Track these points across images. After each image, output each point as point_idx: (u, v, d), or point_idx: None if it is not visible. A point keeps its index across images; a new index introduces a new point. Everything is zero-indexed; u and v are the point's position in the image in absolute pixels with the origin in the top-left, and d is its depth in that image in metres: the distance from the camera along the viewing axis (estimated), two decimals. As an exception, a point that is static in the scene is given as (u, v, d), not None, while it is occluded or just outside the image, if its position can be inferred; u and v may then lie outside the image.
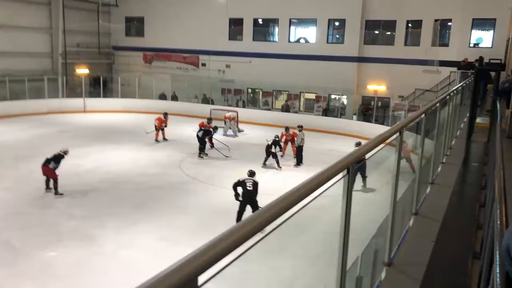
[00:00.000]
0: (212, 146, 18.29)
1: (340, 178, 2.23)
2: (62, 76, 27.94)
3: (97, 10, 30.84)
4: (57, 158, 12.57)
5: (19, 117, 23.39)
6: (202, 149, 17.46)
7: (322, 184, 1.87)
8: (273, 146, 16.23)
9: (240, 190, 10.48)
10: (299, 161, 16.68)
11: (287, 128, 17.62)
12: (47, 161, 12.49)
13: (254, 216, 1.32)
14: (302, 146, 16.70)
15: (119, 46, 32.82)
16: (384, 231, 3.64)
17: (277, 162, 16.13)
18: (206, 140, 17.73)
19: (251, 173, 11.03)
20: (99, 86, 28.47)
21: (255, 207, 10.25)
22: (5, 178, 13.77)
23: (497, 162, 2.19)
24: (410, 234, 4.07)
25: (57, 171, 12.48)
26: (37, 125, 21.92)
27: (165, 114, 20.26)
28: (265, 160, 16.21)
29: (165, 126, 19.98)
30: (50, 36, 28.79)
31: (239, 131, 22.62)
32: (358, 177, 12.53)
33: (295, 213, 1.78)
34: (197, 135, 17.51)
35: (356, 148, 9.82)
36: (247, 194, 10.39)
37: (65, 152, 12.92)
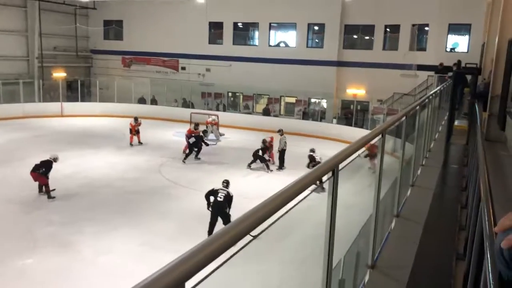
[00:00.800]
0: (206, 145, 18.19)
1: (326, 180, 2.22)
2: (38, 79, 27.40)
3: (74, 13, 30.40)
4: (47, 164, 12.58)
5: (-7, 121, 22.82)
6: (197, 153, 17.38)
7: (309, 186, 1.85)
8: (260, 151, 16.29)
9: (212, 199, 10.13)
10: (281, 164, 16.72)
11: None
12: (36, 167, 12.45)
13: (241, 219, 1.29)
14: (284, 150, 16.76)
15: (98, 49, 32.39)
16: (366, 233, 3.64)
17: (267, 166, 16.30)
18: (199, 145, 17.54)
19: (226, 184, 10.64)
20: (76, 90, 28.02)
21: (226, 220, 9.83)
22: (-21, 183, 13.39)
23: (481, 164, 2.20)
24: (393, 236, 4.08)
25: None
26: (12, 130, 21.41)
27: (135, 119, 19.94)
28: (251, 162, 16.22)
29: (138, 130, 19.75)
30: (26, 39, 28.23)
31: (220, 135, 22.53)
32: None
33: (283, 215, 1.75)
34: (189, 142, 17.33)
35: (311, 154, 9.76)
36: (216, 205, 9.99)
37: (55, 159, 12.89)
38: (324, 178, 2.18)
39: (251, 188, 13.70)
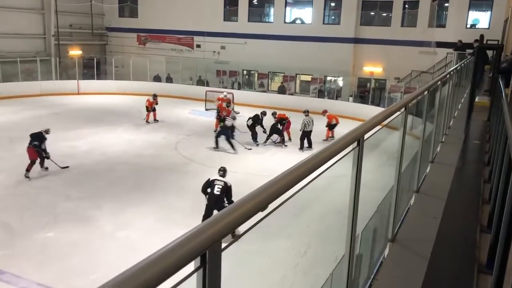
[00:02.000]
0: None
1: (350, 151, 2.19)
2: (55, 57, 27.56)
3: (89, -10, 30.29)
4: (39, 137, 12.39)
5: (11, 99, 23.11)
6: (255, 137, 16.81)
7: (333, 156, 1.83)
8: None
9: (209, 191, 9.18)
10: (301, 145, 16.38)
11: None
12: (30, 142, 12.34)
13: (271, 182, 1.27)
14: (306, 132, 16.37)
15: (113, 27, 32.35)
16: (383, 210, 3.63)
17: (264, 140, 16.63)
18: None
19: (223, 172, 9.48)
20: (92, 68, 28.15)
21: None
22: (0, 159, 13.65)
23: (510, 135, 2.15)
24: (413, 211, 4.06)
25: (53, 152, 12.52)
26: (30, 107, 21.69)
27: (154, 96, 20.01)
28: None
29: (154, 108, 19.83)
30: (42, 16, 28.29)
31: (235, 113, 22.49)
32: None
33: (307, 184, 1.74)
34: (247, 125, 16.92)
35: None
36: (213, 199, 9.03)
37: (47, 131, 12.69)
38: (349, 149, 2.16)
39: (265, 166, 13.74)
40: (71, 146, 15.31)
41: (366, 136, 2.21)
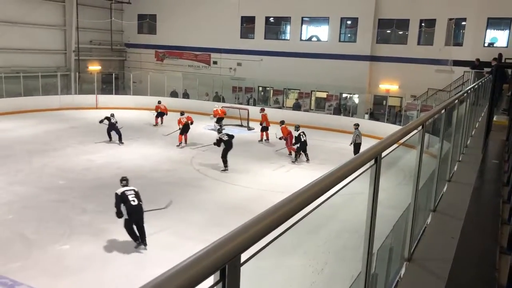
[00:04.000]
0: None
1: (367, 168, 2.19)
2: (75, 72, 28.14)
3: (110, 8, 30.98)
4: None
5: (32, 112, 23.60)
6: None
7: (350, 174, 1.83)
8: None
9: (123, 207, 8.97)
10: (296, 156, 16.66)
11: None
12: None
13: (294, 195, 1.29)
14: (359, 143, 16.68)
15: (132, 43, 32.96)
16: (399, 229, 3.60)
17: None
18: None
19: (127, 182, 9.45)
20: (111, 83, 28.65)
21: (142, 223, 9.05)
22: (19, 172, 13.88)
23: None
24: (430, 230, 4.01)
25: (70, 165, 12.67)
26: (49, 121, 22.10)
27: (182, 113, 20.10)
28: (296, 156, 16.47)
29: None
30: (64, 33, 29.00)
31: (249, 129, 22.62)
32: None
33: (324, 201, 1.74)
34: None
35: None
36: (136, 210, 8.93)
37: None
38: (367, 166, 2.16)
39: (279, 183, 13.72)
40: (88, 159, 15.53)
41: (383, 154, 2.21)
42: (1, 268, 8.02)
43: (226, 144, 15.07)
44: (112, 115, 18.94)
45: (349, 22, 26.91)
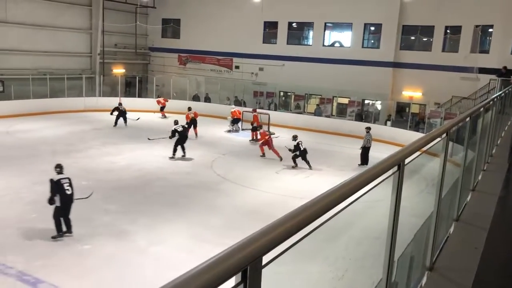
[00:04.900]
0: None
1: (390, 175, 2.17)
2: (100, 75, 28.65)
3: (135, 12, 31.48)
4: None
5: (57, 114, 24.09)
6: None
7: (372, 180, 1.82)
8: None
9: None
10: (363, 161, 16.70)
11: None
12: None
13: (312, 202, 1.29)
14: (368, 147, 16.82)
15: (155, 47, 33.41)
16: (421, 238, 3.54)
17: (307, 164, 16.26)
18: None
19: (61, 169, 9.35)
20: (134, 86, 29.07)
21: (69, 213, 9.10)
22: (43, 172, 14.12)
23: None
24: (452, 240, 3.93)
25: (93, 166, 12.86)
26: (74, 122, 22.51)
27: (189, 109, 21.64)
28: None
29: (195, 123, 21.16)
30: (90, 36, 29.59)
31: (271, 134, 22.59)
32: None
33: (346, 206, 1.73)
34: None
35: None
36: (69, 198, 9.02)
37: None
38: (389, 173, 2.14)
39: (299, 188, 13.67)
40: (111, 161, 15.76)
41: (406, 161, 2.18)
42: (24, 266, 8.19)
43: (180, 134, 16.57)
44: (120, 104, 21.23)
45: (372, 28, 26.72)
